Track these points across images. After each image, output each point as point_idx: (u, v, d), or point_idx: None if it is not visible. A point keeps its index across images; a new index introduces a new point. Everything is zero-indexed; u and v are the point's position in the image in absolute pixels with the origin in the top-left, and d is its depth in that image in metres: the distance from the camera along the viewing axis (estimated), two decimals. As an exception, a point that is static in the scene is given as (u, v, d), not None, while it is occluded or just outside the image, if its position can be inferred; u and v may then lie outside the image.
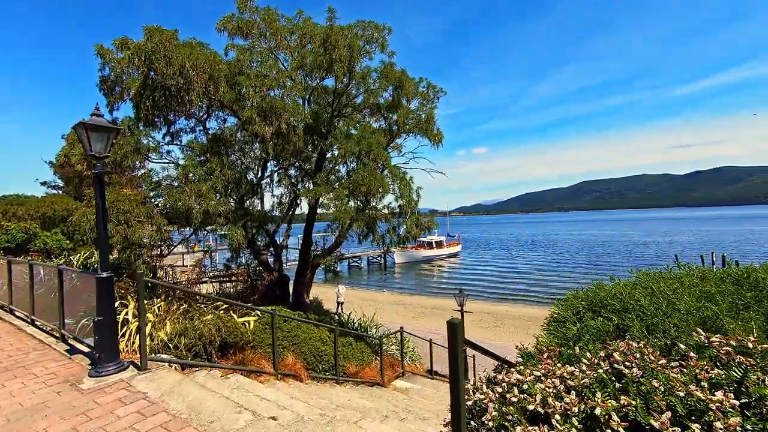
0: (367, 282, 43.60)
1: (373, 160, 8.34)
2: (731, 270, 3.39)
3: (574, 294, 3.33)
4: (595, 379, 1.82)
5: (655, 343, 2.09)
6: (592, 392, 1.77)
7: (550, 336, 2.84)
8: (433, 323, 22.68)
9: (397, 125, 11.77)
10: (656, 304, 2.46)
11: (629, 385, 1.76)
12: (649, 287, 2.76)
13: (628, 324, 2.43)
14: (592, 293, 3.02)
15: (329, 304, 24.22)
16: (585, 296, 3.09)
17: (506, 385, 2.09)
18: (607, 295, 2.82)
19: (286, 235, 13.39)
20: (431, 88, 11.87)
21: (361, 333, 9.78)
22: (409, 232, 9.06)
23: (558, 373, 1.97)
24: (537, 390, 1.87)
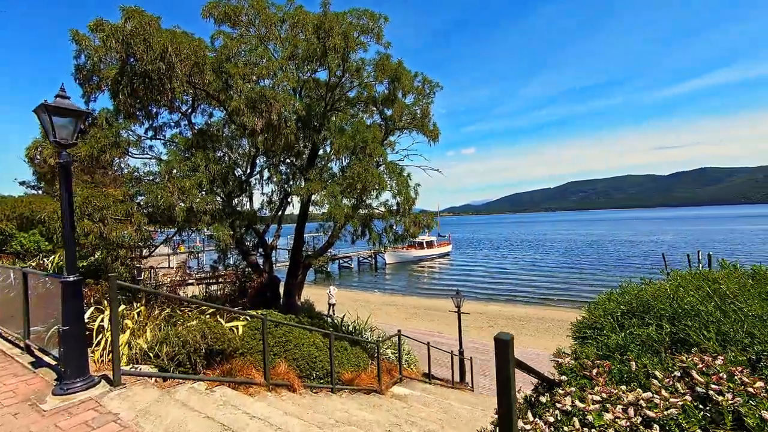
0: (358, 282, 43.14)
1: (369, 155, 7.93)
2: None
3: (607, 296, 2.97)
4: (681, 408, 1.43)
5: (734, 358, 1.73)
6: (679, 427, 1.38)
7: (587, 346, 2.47)
8: (427, 324, 22.36)
9: (392, 121, 11.38)
10: (722, 308, 2.11)
11: (725, 416, 1.38)
12: (703, 288, 2.42)
13: (687, 333, 2.07)
14: (631, 296, 2.66)
15: (320, 305, 23.69)
16: (622, 299, 2.73)
17: (558, 413, 1.69)
18: (651, 298, 2.47)
19: (276, 235, 12.87)
20: (427, 83, 11.51)
21: (356, 337, 9.36)
22: (407, 230, 8.66)
23: (627, 399, 1.58)
24: (606, 422, 1.47)
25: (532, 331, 21.10)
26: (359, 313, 24.94)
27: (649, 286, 2.66)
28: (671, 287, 2.50)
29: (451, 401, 7.17)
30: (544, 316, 25.01)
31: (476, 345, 15.86)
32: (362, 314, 24.28)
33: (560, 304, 29.35)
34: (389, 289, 38.43)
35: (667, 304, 2.31)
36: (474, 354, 14.55)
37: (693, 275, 2.84)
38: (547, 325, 22.45)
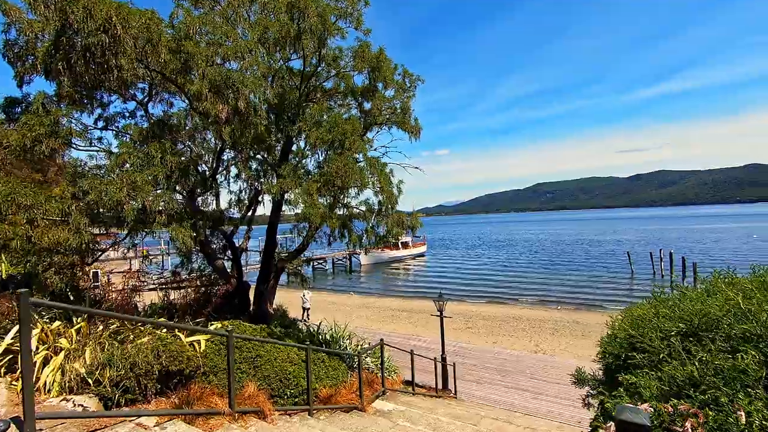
0: (333, 285, 42.20)
1: (348, 149, 7.25)
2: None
3: (652, 310, 2.46)
4: None
5: None
6: None
7: (643, 377, 1.92)
8: (405, 327, 21.85)
9: (371, 115, 10.74)
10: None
11: None
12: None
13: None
14: (690, 311, 2.16)
15: (294, 310, 22.66)
16: (675, 313, 2.22)
17: None
18: (721, 314, 1.97)
19: (246, 236, 11.92)
20: (407, 76, 10.95)
21: (335, 350, 8.64)
22: (390, 231, 8.03)
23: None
24: None
25: (509, 331, 21.03)
26: (335, 316, 24.10)
27: (713, 299, 2.19)
28: (744, 299, 2.03)
29: (439, 416, 6.62)
30: (520, 315, 25.12)
31: (455, 347, 15.48)
32: (338, 318, 23.45)
33: (534, 304, 29.69)
34: (365, 290, 37.75)
35: (750, 323, 1.81)
36: (454, 357, 14.13)
37: (754, 280, 2.40)
38: (523, 324, 22.48)
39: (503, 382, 12.02)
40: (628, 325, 2.41)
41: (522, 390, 11.40)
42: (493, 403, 10.43)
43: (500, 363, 13.83)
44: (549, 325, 21.98)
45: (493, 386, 11.73)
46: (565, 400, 10.80)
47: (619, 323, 2.62)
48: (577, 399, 10.92)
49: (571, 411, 10.15)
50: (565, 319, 23.79)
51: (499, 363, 13.83)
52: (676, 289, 3.11)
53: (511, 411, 9.76)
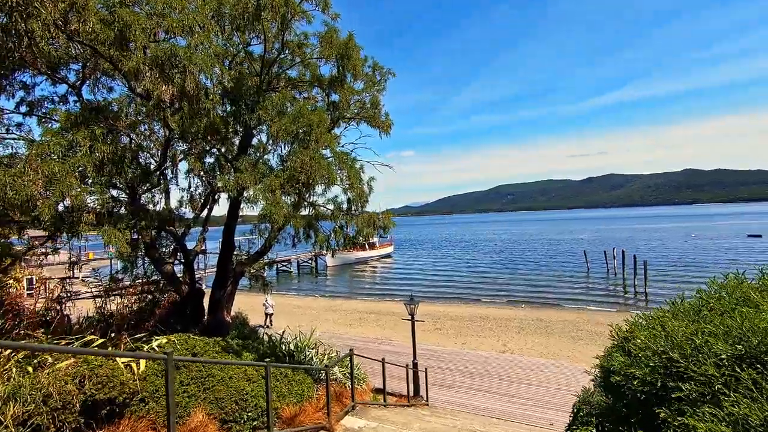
0: (298, 287, 40.88)
1: (315, 141, 6.58)
2: None
3: (693, 324, 2.04)
4: None
5: None
6: None
7: (707, 418, 1.48)
8: (374, 330, 21.29)
9: (339, 109, 10.09)
10: None
11: None
12: None
13: None
14: (740, 328, 1.75)
15: (256, 317, 21.46)
16: (716, 329, 1.82)
17: None
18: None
19: (200, 238, 10.86)
20: (377, 69, 10.41)
21: (300, 361, 7.91)
22: (360, 232, 7.43)
23: None
24: None
25: (477, 331, 21.06)
26: (300, 321, 23.09)
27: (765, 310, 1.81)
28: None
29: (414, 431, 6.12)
30: (487, 314, 25.35)
31: (425, 350, 15.11)
32: (304, 322, 22.48)
33: (500, 303, 30.19)
34: (331, 293, 36.83)
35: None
36: (424, 361, 13.75)
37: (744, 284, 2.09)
38: (490, 324, 22.64)
39: (475, 386, 11.78)
40: (661, 343, 1.99)
41: (495, 393, 11.20)
42: (467, 408, 10.12)
43: (471, 365, 13.63)
44: (515, 324, 22.28)
45: (466, 391, 11.45)
46: (536, 401, 10.71)
47: (643, 339, 2.19)
48: (547, 400, 10.90)
49: (543, 413, 10.04)
50: (529, 317, 24.26)
51: (469, 365, 13.62)
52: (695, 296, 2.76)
53: (486, 417, 9.49)
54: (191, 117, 5.94)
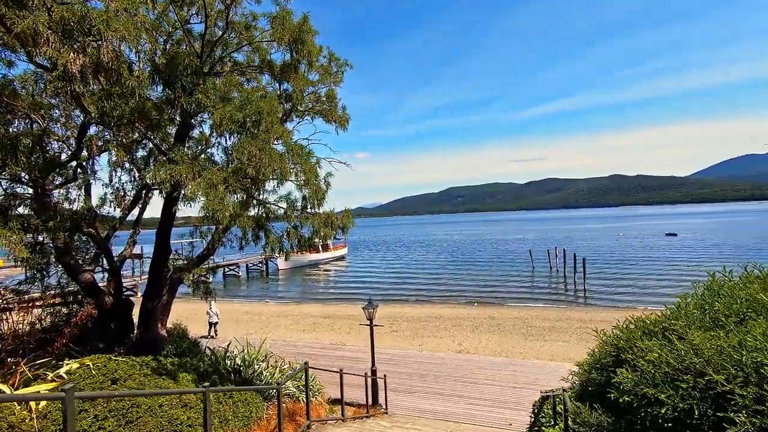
0: (247, 292, 38.72)
1: (265, 131, 5.86)
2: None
3: (712, 335, 1.75)
4: None
5: None
6: None
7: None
8: (328, 335, 20.49)
9: (292, 100, 9.35)
10: None
11: None
12: None
13: None
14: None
15: (199, 327, 19.78)
16: (760, 343, 1.53)
17: None
18: None
19: (130, 242, 9.53)
20: (334, 60, 9.81)
21: (247, 377, 7.07)
22: (317, 232, 6.77)
23: None
24: None
25: (433, 331, 21.08)
26: (249, 329, 21.66)
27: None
28: None
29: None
30: (441, 314, 25.59)
31: (381, 354, 14.68)
32: (253, 330, 21.10)
33: (454, 302, 30.72)
34: (283, 297, 35.28)
35: None
36: (381, 365, 13.33)
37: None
38: (445, 324, 22.82)
39: (434, 389, 11.56)
40: (692, 359, 1.67)
41: (454, 396, 11.06)
42: (427, 414, 9.84)
43: (428, 368, 13.44)
44: (468, 323, 22.65)
45: (425, 395, 11.19)
46: (495, 401, 10.70)
47: (659, 352, 1.87)
48: (504, 399, 10.96)
49: (501, 413, 10.03)
50: (482, 315, 24.84)
51: (427, 368, 13.42)
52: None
53: (446, 421, 9.25)
54: (112, 97, 4.97)
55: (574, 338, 18.96)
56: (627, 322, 2.94)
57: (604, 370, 2.68)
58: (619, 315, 15.05)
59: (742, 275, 2.88)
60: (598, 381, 2.70)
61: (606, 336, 2.97)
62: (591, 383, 2.79)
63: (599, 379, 2.70)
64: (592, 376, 2.80)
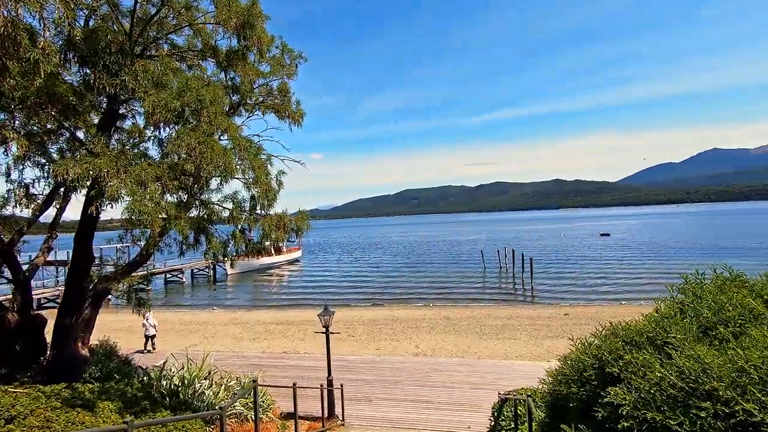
0: (192, 300, 36.09)
1: (208, 123, 5.19)
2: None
3: (667, 328, 1.55)
4: None
5: None
6: None
7: None
8: (281, 342, 19.48)
9: (241, 92, 8.62)
10: None
11: None
12: None
13: None
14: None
15: (134, 340, 17.96)
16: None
17: None
18: None
19: (44, 248, 8.23)
20: (287, 51, 9.21)
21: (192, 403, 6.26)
22: (268, 236, 6.13)
23: None
24: None
25: (390, 335, 20.85)
26: (194, 340, 20.00)
27: None
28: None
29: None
30: (398, 316, 25.49)
31: (338, 361, 14.14)
32: (198, 341, 19.50)
33: (410, 303, 30.82)
34: (232, 304, 33.32)
35: None
36: (338, 373, 12.80)
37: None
38: (402, 326, 22.72)
39: (393, 395, 11.26)
40: (713, 383, 1.45)
41: (413, 401, 10.82)
42: (386, 423, 9.50)
43: (386, 373, 13.12)
44: (425, 324, 22.72)
45: (384, 402, 10.84)
46: (453, 404, 10.62)
47: (664, 372, 1.65)
48: (462, 402, 10.92)
49: (459, 416, 9.95)
50: (437, 316, 25.08)
51: (385, 373, 13.10)
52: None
53: (405, 429, 8.98)
54: (10, 74, 4.06)
55: (525, 335, 19.68)
56: (607, 331, 2.77)
57: (586, 384, 2.47)
58: (563, 311, 15.73)
59: (713, 278, 2.82)
60: (580, 396, 2.49)
61: (583, 345, 2.79)
62: (571, 398, 2.56)
63: (580, 394, 2.49)
64: (572, 390, 2.58)
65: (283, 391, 9.28)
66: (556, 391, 3.03)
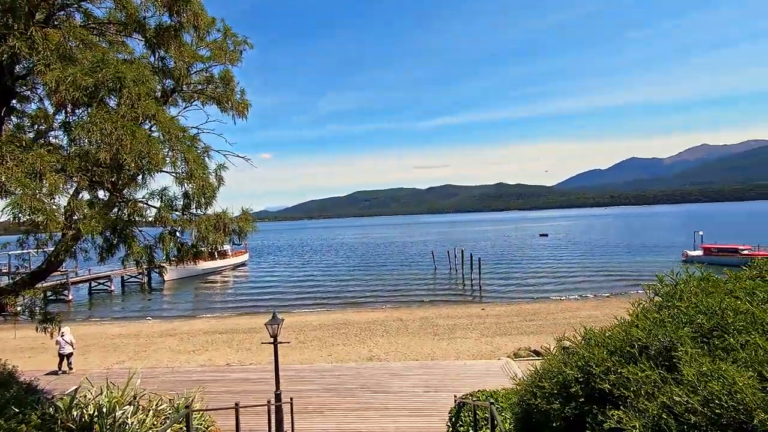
0: (123, 310, 32.62)
1: (129, 105, 4.36)
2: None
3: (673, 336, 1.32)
4: None
5: None
6: None
7: None
8: (225, 353, 18.06)
9: (174, 78, 7.65)
10: None
11: None
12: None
13: None
14: None
15: (44, 362, 15.68)
16: None
17: None
18: None
19: None
20: (230, 36, 8.37)
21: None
22: (205, 238, 5.30)
23: None
24: None
25: (342, 339, 20.25)
26: (121, 356, 17.89)
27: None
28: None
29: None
30: (350, 320, 24.96)
31: (287, 372, 13.31)
32: (126, 357, 17.46)
33: (363, 306, 30.40)
34: (170, 313, 30.60)
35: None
36: (288, 386, 12.02)
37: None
38: (355, 330, 22.24)
39: (345, 404, 10.74)
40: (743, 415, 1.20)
41: (368, 409, 10.38)
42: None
43: (339, 380, 12.56)
44: (378, 327, 22.43)
45: (337, 413, 10.28)
46: (409, 409, 10.35)
47: (684, 396, 1.39)
48: (419, 406, 10.71)
49: (415, 421, 9.70)
50: (390, 318, 24.92)
51: (337, 381, 12.53)
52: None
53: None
54: None
55: (475, 334, 20.11)
56: (581, 338, 2.55)
57: (571, 401, 2.21)
58: (510, 309, 16.11)
59: (684, 278, 2.72)
60: (565, 414, 2.22)
61: (562, 354, 2.55)
62: (553, 415, 2.29)
63: (565, 412, 2.22)
64: (554, 406, 2.31)
65: (226, 406, 8.40)
66: (531, 405, 2.76)
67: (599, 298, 29.21)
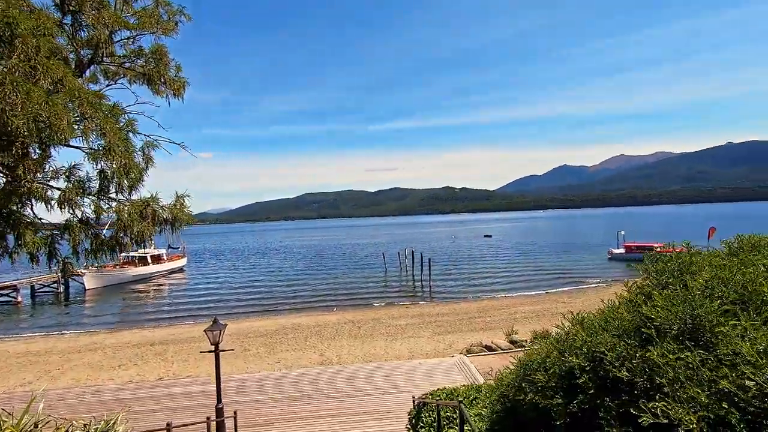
0: (32, 325, 28.33)
1: (25, 59, 3.44)
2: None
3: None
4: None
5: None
6: None
7: None
8: (156, 368, 16.20)
9: (92, 46, 6.54)
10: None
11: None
12: None
13: None
14: None
15: None
16: None
17: None
18: None
19: None
20: (163, 4, 7.42)
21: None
22: (127, 228, 4.33)
23: None
24: None
25: (291, 344, 19.22)
26: (27, 376, 15.33)
27: None
28: None
29: None
30: (299, 323, 23.89)
31: (230, 383, 12.19)
32: (33, 377, 14.97)
33: (312, 309, 29.35)
34: (92, 325, 27.15)
35: None
36: (234, 398, 11.00)
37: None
38: (305, 333, 21.29)
39: (295, 413, 9.99)
40: None
41: (323, 417, 9.73)
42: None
43: (288, 388, 11.73)
44: (329, 330, 21.67)
45: (285, 423, 9.51)
46: (367, 413, 9.88)
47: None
48: (376, 409, 10.28)
49: (373, 425, 9.26)
50: (341, 320, 24.25)
51: (288, 389, 11.70)
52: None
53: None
54: None
55: (428, 332, 20.17)
56: (586, 324, 2.29)
57: (578, 393, 1.91)
58: (459, 307, 16.28)
59: (688, 254, 2.57)
60: (571, 410, 1.92)
61: (559, 340, 2.26)
62: (556, 412, 1.98)
63: (571, 407, 1.91)
64: (556, 401, 2.00)
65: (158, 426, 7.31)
66: (517, 401, 2.45)
67: (539, 295, 30.91)
